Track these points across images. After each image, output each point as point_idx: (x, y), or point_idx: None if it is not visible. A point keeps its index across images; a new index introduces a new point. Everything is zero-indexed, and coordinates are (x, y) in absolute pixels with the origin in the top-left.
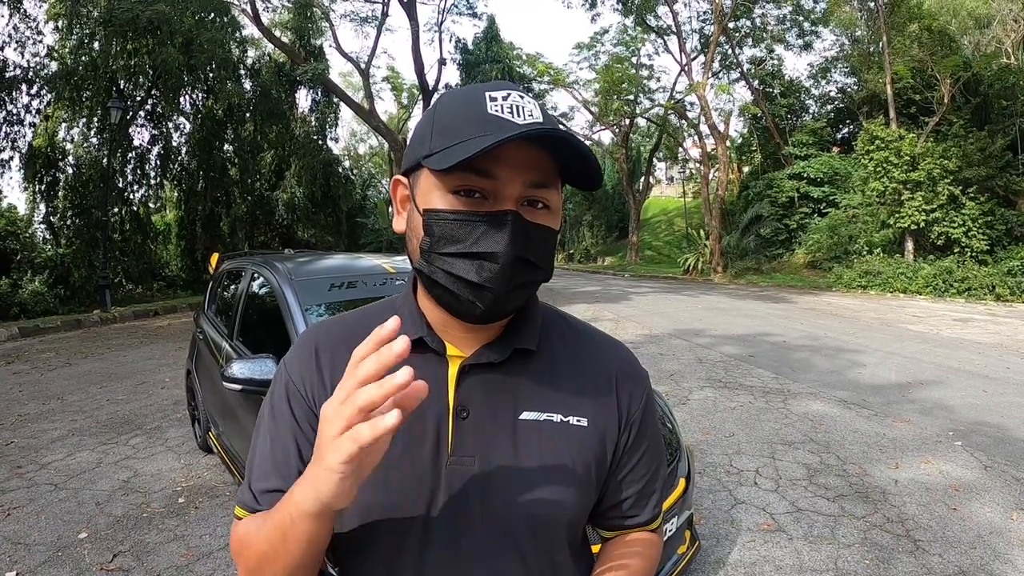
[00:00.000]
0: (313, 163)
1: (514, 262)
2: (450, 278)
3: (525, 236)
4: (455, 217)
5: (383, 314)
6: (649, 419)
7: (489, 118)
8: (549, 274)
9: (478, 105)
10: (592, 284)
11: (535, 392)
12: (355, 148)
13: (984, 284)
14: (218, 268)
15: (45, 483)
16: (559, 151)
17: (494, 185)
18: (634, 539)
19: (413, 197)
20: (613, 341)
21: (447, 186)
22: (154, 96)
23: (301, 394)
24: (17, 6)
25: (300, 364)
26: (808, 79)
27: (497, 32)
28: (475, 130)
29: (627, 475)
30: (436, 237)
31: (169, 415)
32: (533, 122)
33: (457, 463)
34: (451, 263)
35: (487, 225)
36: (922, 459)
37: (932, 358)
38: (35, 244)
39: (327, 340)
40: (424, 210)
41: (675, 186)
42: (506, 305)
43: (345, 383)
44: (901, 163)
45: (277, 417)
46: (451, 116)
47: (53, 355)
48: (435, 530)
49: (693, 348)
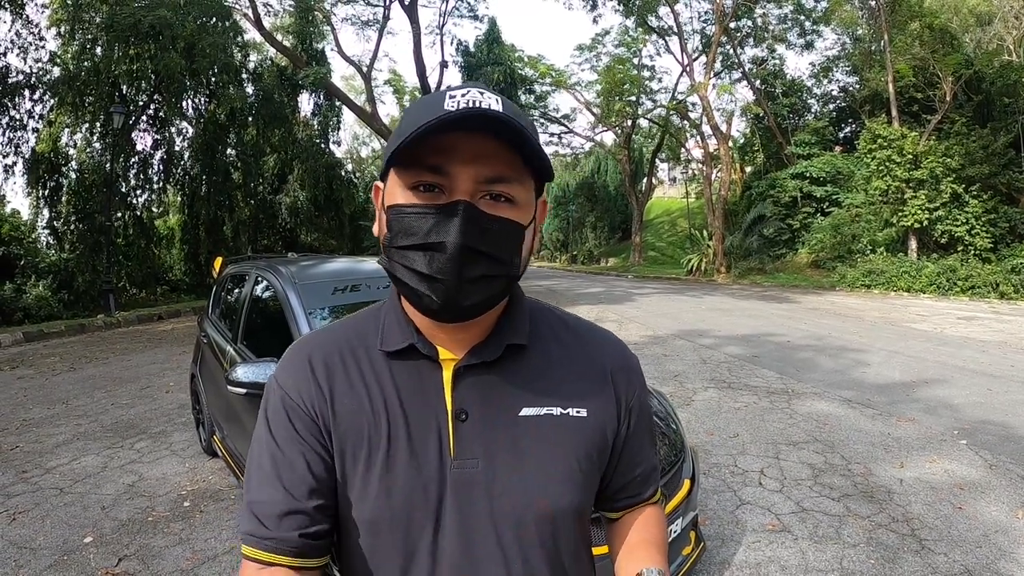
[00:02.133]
0: (316, 167)
1: (463, 251)
2: (407, 272)
3: (478, 227)
4: (411, 210)
5: (367, 322)
6: (645, 405)
7: (443, 113)
8: (515, 268)
9: (437, 103)
10: (596, 285)
11: (532, 387)
12: (357, 151)
13: (988, 282)
14: (222, 272)
15: (50, 487)
16: (516, 142)
17: (446, 179)
18: (646, 514)
19: (384, 199)
20: (603, 332)
21: (406, 183)
22: (156, 101)
23: (301, 408)
24: (20, 12)
25: (295, 378)
26: (810, 78)
27: (498, 34)
28: (433, 122)
29: (631, 459)
30: (395, 232)
31: (174, 419)
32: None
33: (461, 466)
34: (406, 256)
35: (438, 216)
36: (927, 458)
37: (936, 357)
38: (39, 249)
39: (321, 351)
40: (387, 207)
41: (678, 187)
42: (462, 298)
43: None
44: (904, 162)
45: (278, 436)
46: (412, 117)
47: (57, 360)
48: (445, 535)
49: (697, 349)
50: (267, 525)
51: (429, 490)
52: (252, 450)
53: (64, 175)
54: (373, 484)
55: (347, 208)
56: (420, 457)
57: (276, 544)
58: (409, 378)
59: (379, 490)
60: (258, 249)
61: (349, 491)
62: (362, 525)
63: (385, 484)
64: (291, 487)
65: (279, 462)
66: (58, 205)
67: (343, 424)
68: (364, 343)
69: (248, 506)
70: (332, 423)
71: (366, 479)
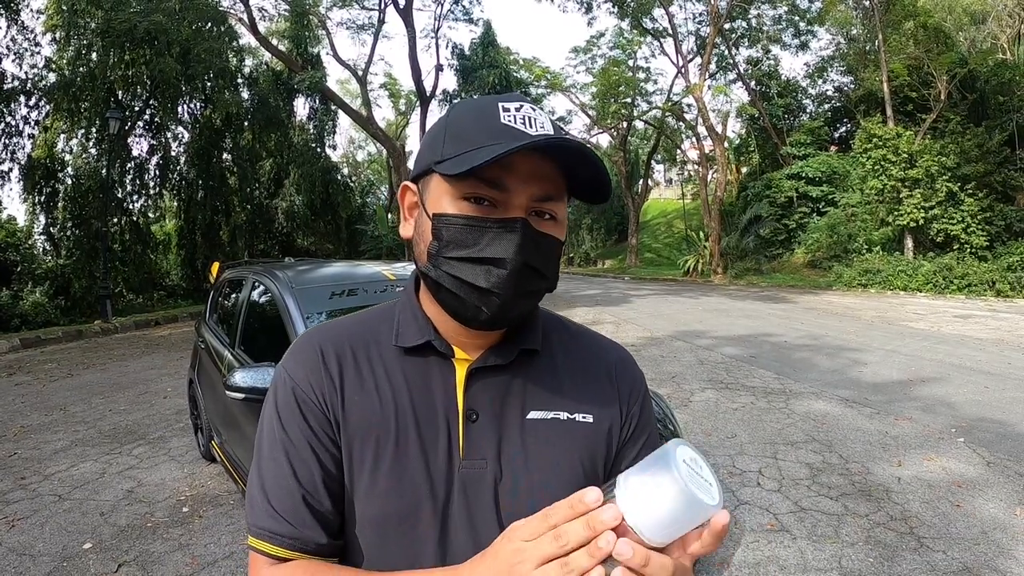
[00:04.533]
0: (312, 171)
1: (522, 269)
2: (456, 282)
3: (534, 244)
4: (465, 222)
5: (382, 319)
6: (648, 412)
7: (501, 128)
8: (554, 284)
9: (491, 114)
10: (593, 287)
11: (541, 391)
12: (353, 155)
13: (984, 280)
14: (219, 277)
15: (49, 494)
16: (568, 163)
17: (503, 195)
18: None
19: (423, 202)
20: (609, 341)
21: (457, 192)
22: (152, 106)
23: (313, 401)
24: (14, 18)
25: (306, 369)
26: (805, 79)
27: (494, 37)
28: (487, 138)
29: (629, 463)
30: (445, 241)
31: (172, 424)
32: (545, 134)
33: (469, 466)
34: (459, 267)
35: (497, 231)
36: (925, 456)
37: (933, 355)
38: (35, 255)
39: (332, 343)
40: (434, 215)
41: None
42: (510, 312)
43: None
44: (899, 161)
45: (289, 429)
46: (464, 124)
47: (55, 366)
48: (452, 535)
49: (694, 350)
50: (289, 521)
51: (437, 489)
52: (263, 442)
53: (60, 181)
54: (381, 481)
55: (343, 212)
56: (429, 455)
57: (293, 542)
58: (421, 375)
59: (387, 487)
60: (255, 254)
61: (356, 486)
62: (369, 522)
63: (393, 481)
64: (307, 485)
65: (294, 459)
66: (54, 211)
67: (353, 417)
68: (376, 338)
69: (262, 497)
70: (342, 416)
71: (374, 475)
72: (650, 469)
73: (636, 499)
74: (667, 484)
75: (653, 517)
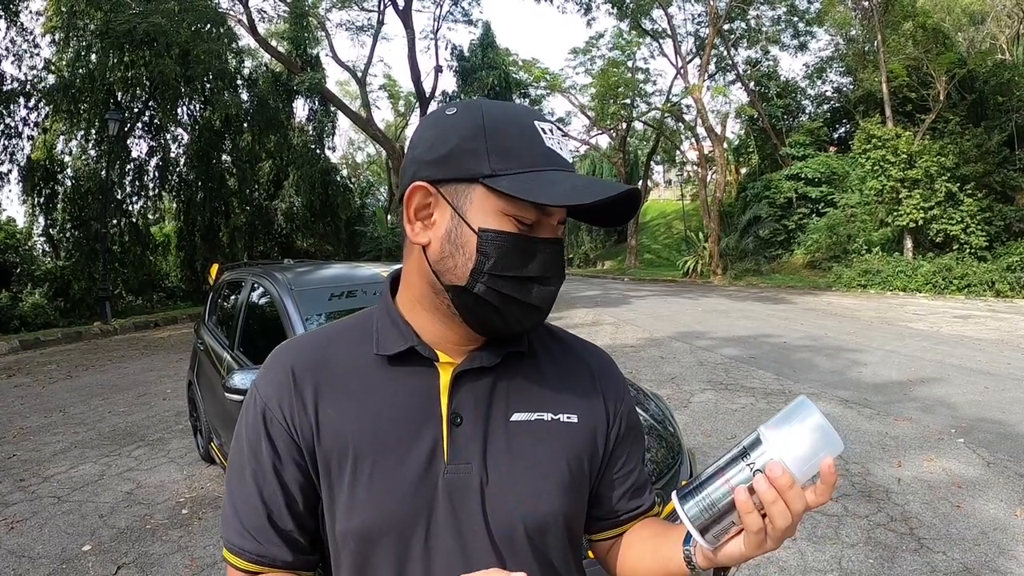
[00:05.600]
0: (311, 172)
1: (559, 284)
2: (504, 298)
3: (563, 260)
4: (516, 241)
5: (355, 329)
6: (633, 412)
7: (547, 152)
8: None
9: (533, 132)
10: (592, 288)
11: (525, 393)
12: (353, 157)
13: (983, 280)
14: (218, 279)
15: (48, 496)
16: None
17: (546, 218)
18: (651, 518)
19: (461, 213)
20: (591, 344)
21: (506, 209)
22: (152, 108)
23: (280, 422)
24: (13, 19)
25: (277, 389)
26: (804, 79)
27: (493, 38)
28: (542, 161)
29: (624, 465)
30: (494, 258)
31: (171, 426)
32: (574, 161)
33: (455, 471)
34: (509, 285)
35: (547, 253)
36: (925, 457)
37: (933, 355)
38: (34, 257)
39: (305, 359)
40: (480, 229)
41: (673, 189)
42: (540, 324)
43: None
44: (898, 161)
45: (256, 451)
46: (508, 139)
47: (54, 368)
48: (437, 539)
49: (694, 351)
50: (256, 538)
51: (421, 496)
52: (234, 459)
53: (60, 182)
54: (361, 493)
55: (343, 213)
56: (413, 461)
57: (261, 559)
58: (403, 382)
59: (368, 499)
60: (254, 255)
61: (336, 502)
62: (352, 535)
63: (376, 491)
64: (272, 505)
65: (259, 479)
66: (54, 213)
67: (328, 433)
68: (353, 348)
69: (232, 513)
70: (316, 436)
71: (353, 489)
72: (794, 415)
73: (782, 438)
74: (811, 422)
75: (798, 452)
